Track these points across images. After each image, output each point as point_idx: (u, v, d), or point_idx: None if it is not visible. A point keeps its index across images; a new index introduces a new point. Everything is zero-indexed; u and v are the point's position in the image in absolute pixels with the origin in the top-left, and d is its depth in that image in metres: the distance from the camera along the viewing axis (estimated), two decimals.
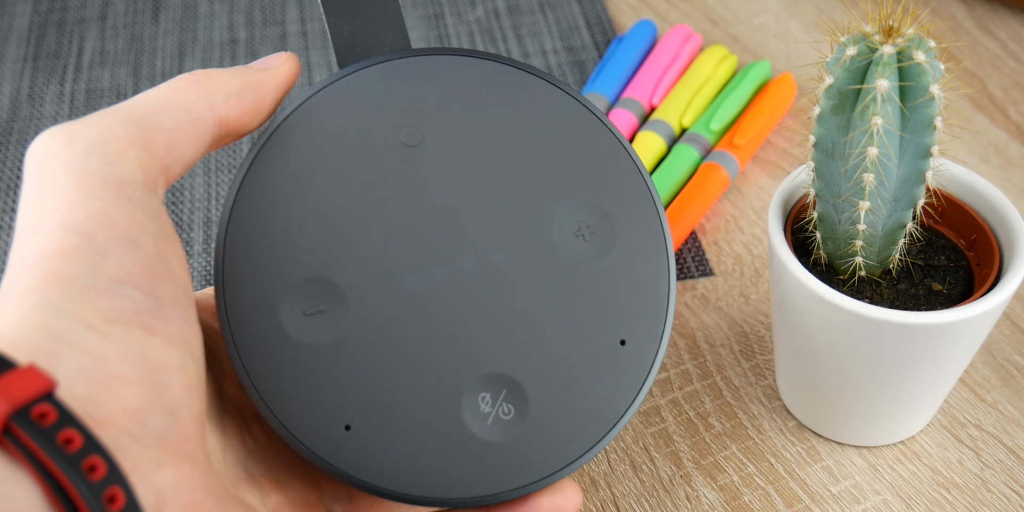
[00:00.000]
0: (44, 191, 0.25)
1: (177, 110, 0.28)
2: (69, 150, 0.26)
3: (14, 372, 0.22)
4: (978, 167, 0.50)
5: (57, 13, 0.62)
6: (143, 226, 0.25)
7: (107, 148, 0.26)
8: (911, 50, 0.31)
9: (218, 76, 0.29)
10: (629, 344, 0.32)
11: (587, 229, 0.32)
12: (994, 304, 0.33)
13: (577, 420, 0.31)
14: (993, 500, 0.38)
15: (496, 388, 0.31)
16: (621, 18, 0.60)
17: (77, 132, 0.26)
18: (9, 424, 0.21)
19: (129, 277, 0.25)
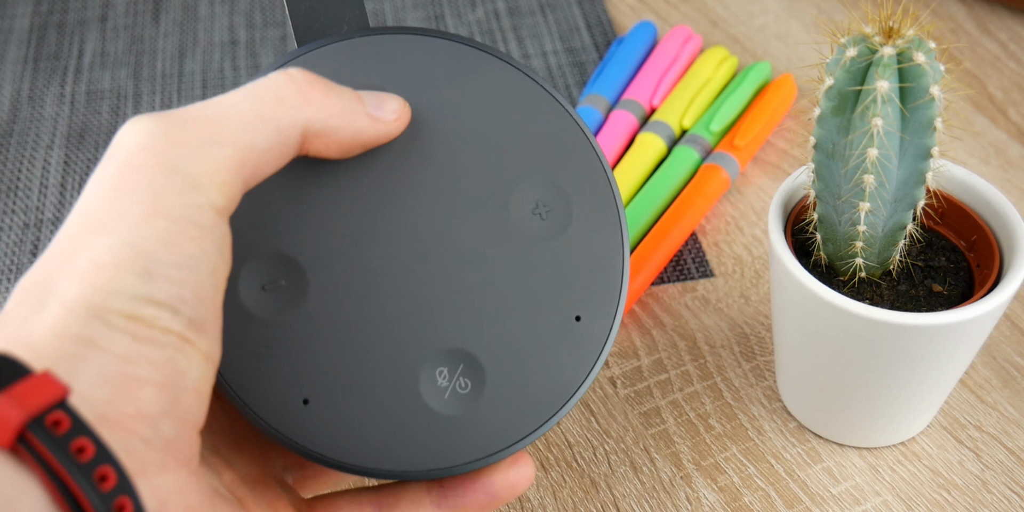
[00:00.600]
0: (119, 195, 0.25)
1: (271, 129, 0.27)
2: (157, 163, 0.25)
3: (30, 379, 0.22)
4: (978, 168, 0.50)
5: (57, 14, 0.62)
6: (206, 251, 0.25)
7: (196, 169, 0.26)
8: (911, 51, 0.31)
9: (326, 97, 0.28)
10: (584, 320, 0.32)
11: (544, 207, 0.32)
12: (994, 305, 0.33)
13: (532, 394, 0.31)
14: (993, 501, 0.38)
15: (453, 363, 0.31)
16: (621, 19, 0.60)
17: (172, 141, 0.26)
18: (24, 432, 0.22)
19: (180, 298, 0.25)
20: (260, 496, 0.30)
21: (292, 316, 0.30)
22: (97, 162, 0.53)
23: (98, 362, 0.23)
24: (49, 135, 0.54)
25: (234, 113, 0.27)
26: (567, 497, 0.39)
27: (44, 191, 0.51)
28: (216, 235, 0.26)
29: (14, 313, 0.24)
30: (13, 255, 0.48)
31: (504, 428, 0.31)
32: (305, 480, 0.33)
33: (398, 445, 0.30)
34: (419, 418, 0.31)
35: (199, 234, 0.25)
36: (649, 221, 0.47)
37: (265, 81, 0.28)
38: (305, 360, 0.30)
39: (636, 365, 0.43)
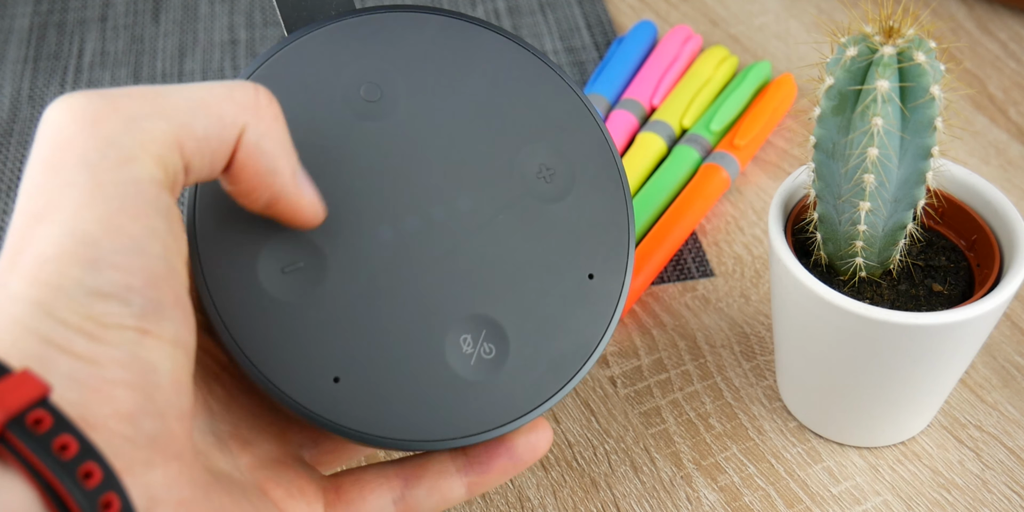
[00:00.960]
0: (53, 179, 0.24)
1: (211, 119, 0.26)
2: (89, 138, 0.24)
3: (9, 378, 0.22)
4: (978, 168, 0.50)
5: (57, 14, 0.62)
6: (152, 229, 0.25)
7: (130, 140, 0.25)
8: (911, 51, 0.31)
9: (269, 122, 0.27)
10: (597, 277, 0.33)
11: (547, 171, 0.33)
12: (994, 305, 0.33)
13: (554, 354, 0.32)
14: (993, 501, 0.38)
15: (476, 329, 0.31)
16: (621, 19, 0.60)
17: (102, 114, 0.25)
18: (4, 431, 0.21)
19: (129, 286, 0.24)
20: (282, 476, 0.30)
21: (314, 296, 0.30)
22: None
23: (65, 364, 0.23)
24: None
25: (174, 95, 0.26)
26: (567, 497, 0.39)
27: None
28: (161, 210, 0.25)
29: None
30: None
31: (529, 390, 0.32)
32: (321, 456, 0.33)
33: (429, 415, 0.30)
34: (448, 386, 0.31)
35: (141, 211, 0.24)
36: (649, 220, 0.47)
37: (225, 82, 0.27)
38: (332, 339, 0.30)
39: (636, 365, 0.43)
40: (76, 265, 0.23)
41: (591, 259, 0.33)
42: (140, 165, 0.25)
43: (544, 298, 0.32)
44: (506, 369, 0.31)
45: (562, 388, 0.32)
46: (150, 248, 0.24)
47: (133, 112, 0.25)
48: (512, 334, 0.32)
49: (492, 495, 0.39)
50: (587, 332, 0.32)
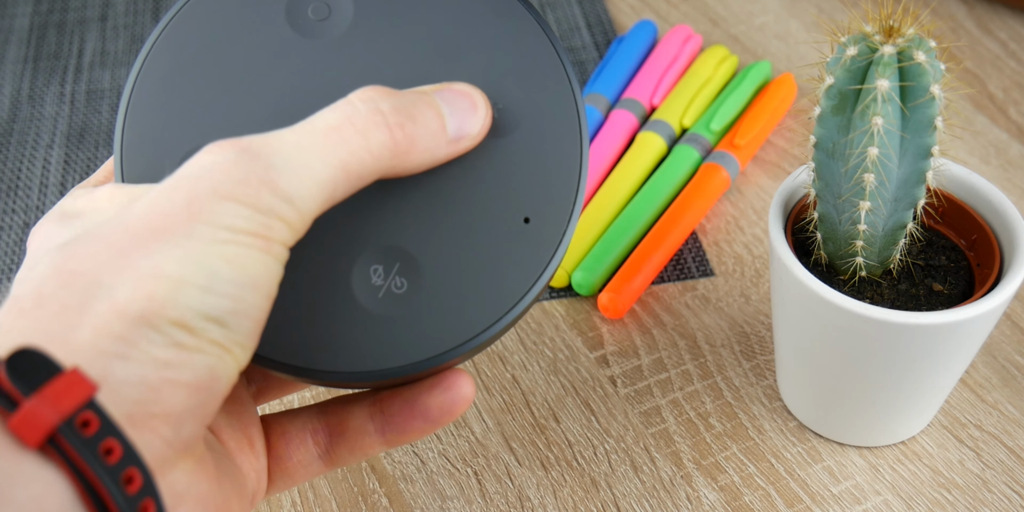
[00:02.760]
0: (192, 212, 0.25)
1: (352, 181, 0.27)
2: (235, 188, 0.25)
3: (61, 378, 0.22)
4: (979, 167, 0.50)
5: (57, 14, 0.62)
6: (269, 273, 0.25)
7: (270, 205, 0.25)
8: (911, 50, 0.31)
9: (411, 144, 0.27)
10: (533, 222, 0.30)
11: (495, 103, 0.31)
12: (995, 304, 0.33)
13: (474, 298, 0.30)
14: (994, 500, 0.38)
15: (389, 261, 0.30)
16: (621, 18, 0.60)
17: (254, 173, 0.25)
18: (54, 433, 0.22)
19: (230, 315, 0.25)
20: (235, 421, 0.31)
21: None
22: (98, 161, 0.53)
23: (137, 363, 0.23)
24: (49, 134, 0.54)
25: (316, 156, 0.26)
26: (567, 496, 0.39)
27: (44, 190, 0.51)
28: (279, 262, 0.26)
29: (54, 297, 0.24)
30: (13, 254, 0.48)
31: (443, 331, 0.29)
32: (259, 392, 0.33)
33: (331, 345, 0.29)
34: (352, 317, 0.29)
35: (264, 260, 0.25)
36: (649, 220, 0.47)
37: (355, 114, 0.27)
38: None
39: (636, 364, 0.43)
40: (194, 287, 0.24)
41: (530, 202, 0.30)
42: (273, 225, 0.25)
43: (470, 238, 0.30)
44: (416, 307, 0.29)
45: (478, 335, 0.30)
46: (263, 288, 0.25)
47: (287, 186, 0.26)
48: (428, 271, 0.30)
49: (492, 495, 0.39)
50: (515, 279, 0.30)
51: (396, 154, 0.27)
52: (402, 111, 0.27)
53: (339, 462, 0.32)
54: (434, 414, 0.31)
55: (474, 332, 0.30)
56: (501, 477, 0.39)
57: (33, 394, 0.22)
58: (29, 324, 0.24)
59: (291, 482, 0.32)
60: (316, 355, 0.29)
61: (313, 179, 0.26)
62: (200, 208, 0.25)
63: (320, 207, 0.26)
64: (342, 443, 0.32)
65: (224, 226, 0.25)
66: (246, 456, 0.30)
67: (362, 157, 0.27)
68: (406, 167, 0.28)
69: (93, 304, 0.24)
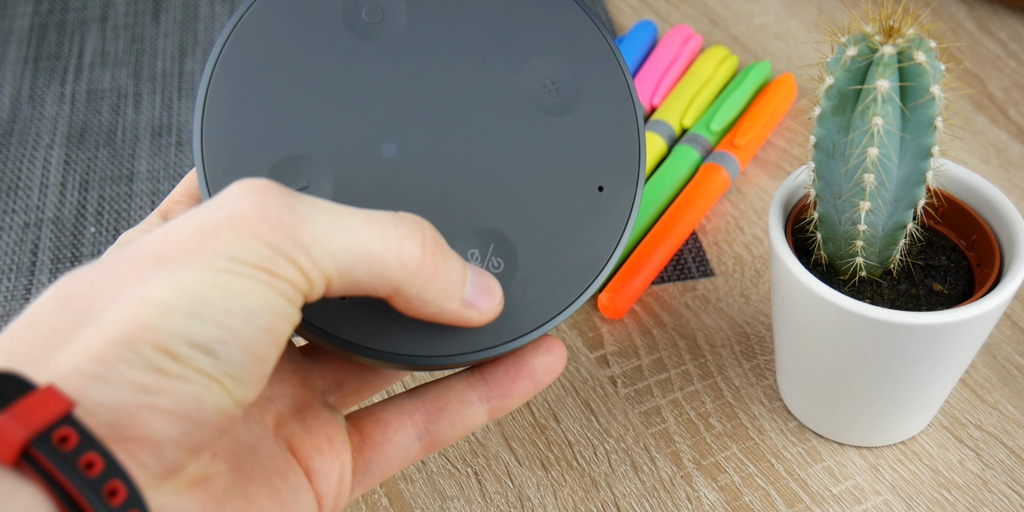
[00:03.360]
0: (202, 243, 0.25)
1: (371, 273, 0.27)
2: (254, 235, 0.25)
3: (33, 395, 0.22)
4: (979, 167, 0.50)
5: (58, 14, 0.62)
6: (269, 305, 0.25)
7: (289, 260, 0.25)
8: (911, 50, 0.31)
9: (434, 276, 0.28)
10: (607, 190, 0.32)
11: (553, 85, 0.33)
12: (995, 304, 0.33)
13: (565, 268, 0.32)
14: (994, 500, 0.38)
15: (484, 243, 0.31)
16: (622, 18, 0.60)
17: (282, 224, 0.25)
18: (29, 448, 0.22)
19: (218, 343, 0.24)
20: (310, 428, 0.31)
21: None
22: (98, 161, 0.53)
23: (113, 386, 0.23)
24: (49, 134, 0.54)
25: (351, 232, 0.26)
26: (567, 496, 0.39)
27: (44, 190, 0.51)
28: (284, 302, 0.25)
29: (46, 320, 0.24)
30: (14, 254, 0.48)
31: (542, 302, 0.31)
32: (345, 398, 0.33)
33: (438, 330, 0.30)
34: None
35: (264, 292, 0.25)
36: (650, 220, 0.47)
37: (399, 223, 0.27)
38: None
39: (636, 364, 0.43)
40: (180, 312, 0.24)
41: (600, 171, 0.32)
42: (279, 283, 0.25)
43: (553, 211, 0.32)
44: (516, 283, 0.31)
45: (574, 301, 0.31)
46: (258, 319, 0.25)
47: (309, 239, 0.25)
48: (521, 248, 0.31)
49: (492, 495, 0.39)
50: (598, 244, 0.32)
51: (417, 276, 0.27)
52: (439, 244, 0.28)
53: (440, 440, 0.32)
54: (540, 373, 0.32)
55: (570, 299, 0.31)
56: (501, 477, 0.39)
57: (2, 412, 0.22)
58: (15, 346, 0.24)
59: (390, 468, 0.32)
60: (430, 342, 0.30)
61: (338, 244, 0.26)
62: (208, 238, 0.25)
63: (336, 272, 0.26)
64: (443, 418, 0.32)
65: (227, 255, 0.24)
66: (325, 456, 0.30)
67: (388, 257, 0.27)
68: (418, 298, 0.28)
69: (82, 328, 0.24)
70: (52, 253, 0.48)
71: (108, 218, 0.50)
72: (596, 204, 0.32)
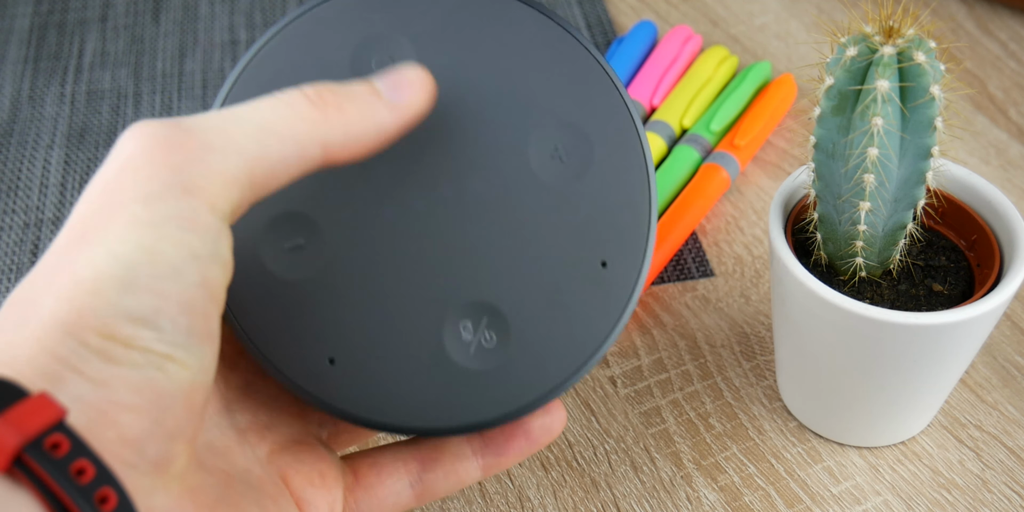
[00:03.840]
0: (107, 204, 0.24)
1: (286, 143, 0.26)
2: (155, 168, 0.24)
3: (26, 402, 0.22)
4: (979, 168, 0.50)
5: (58, 14, 0.62)
6: (195, 256, 0.24)
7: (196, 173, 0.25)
8: (911, 51, 0.31)
9: (341, 110, 0.27)
10: (610, 265, 0.31)
11: (563, 150, 0.31)
12: (995, 305, 0.33)
13: (560, 344, 0.30)
14: (994, 501, 0.38)
15: (477, 316, 0.30)
16: (621, 19, 0.60)
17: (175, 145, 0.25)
18: (21, 455, 0.22)
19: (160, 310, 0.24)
20: (303, 461, 0.31)
21: (314, 275, 0.30)
22: (98, 162, 0.53)
23: (75, 386, 0.23)
24: (49, 135, 0.54)
25: (245, 123, 0.26)
26: (567, 497, 0.39)
27: (44, 191, 0.51)
28: (208, 241, 0.25)
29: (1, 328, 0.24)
30: (13, 255, 0.48)
31: (534, 379, 0.30)
32: (339, 436, 0.33)
33: (426, 401, 0.30)
34: (445, 373, 0.30)
35: (186, 240, 0.24)
36: None
37: (279, 95, 0.27)
38: (328, 319, 0.30)
39: (636, 364, 0.43)
40: (111, 288, 0.23)
41: (605, 245, 0.31)
42: (199, 197, 0.25)
43: (551, 286, 0.31)
44: (507, 358, 0.30)
45: (569, 378, 0.30)
46: (187, 275, 0.24)
47: (205, 144, 0.25)
48: (514, 323, 0.30)
49: (492, 495, 0.39)
50: (596, 322, 0.31)
51: (327, 119, 0.27)
52: (324, 88, 0.27)
53: (431, 490, 0.32)
54: (536, 434, 0.32)
55: (563, 377, 0.30)
56: (501, 477, 0.39)
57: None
58: None
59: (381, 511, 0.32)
60: (417, 412, 0.30)
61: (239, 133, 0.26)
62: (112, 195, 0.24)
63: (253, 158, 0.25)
64: (436, 468, 0.32)
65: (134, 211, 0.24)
66: (317, 490, 0.30)
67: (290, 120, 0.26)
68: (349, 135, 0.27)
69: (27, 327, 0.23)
70: None
71: None
72: (598, 280, 0.31)
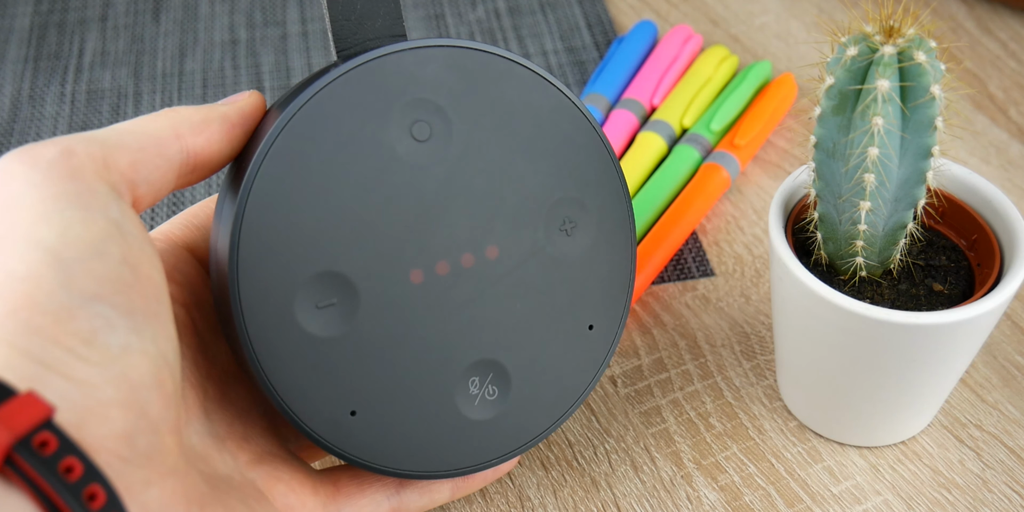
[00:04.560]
0: (7, 208, 0.25)
1: (141, 134, 0.28)
2: (30, 168, 0.26)
3: (15, 400, 0.22)
4: (979, 167, 0.50)
5: (58, 14, 0.62)
6: (107, 234, 0.25)
7: (68, 163, 0.26)
8: (912, 50, 0.31)
9: (184, 110, 0.30)
10: (596, 328, 0.35)
11: (569, 224, 0.34)
12: (995, 304, 0.33)
13: (550, 395, 0.35)
14: (994, 500, 0.38)
15: (484, 372, 0.33)
16: (622, 18, 0.60)
17: (37, 150, 0.26)
18: (11, 453, 0.22)
19: (98, 292, 0.24)
20: (281, 470, 0.32)
21: (343, 333, 0.31)
22: None
23: (59, 387, 0.23)
24: (50, 134, 0.54)
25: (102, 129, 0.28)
26: (568, 496, 0.39)
27: None
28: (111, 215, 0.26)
29: None
30: None
31: (525, 426, 0.34)
32: (304, 450, 0.35)
33: (433, 450, 0.33)
34: (454, 425, 0.33)
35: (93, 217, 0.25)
36: (650, 220, 0.47)
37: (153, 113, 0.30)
38: (354, 374, 0.31)
39: (636, 364, 0.43)
40: (44, 277, 0.24)
41: (594, 311, 0.35)
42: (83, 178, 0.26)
43: (548, 345, 0.34)
44: (505, 409, 0.34)
45: (552, 424, 0.35)
46: (109, 252, 0.25)
47: (66, 142, 0.27)
48: (515, 379, 0.34)
49: (493, 495, 0.39)
50: (579, 376, 0.35)
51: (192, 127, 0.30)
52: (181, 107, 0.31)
53: (406, 506, 0.34)
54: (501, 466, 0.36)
55: (546, 425, 0.35)
56: (501, 477, 0.39)
57: None
58: None
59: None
60: (424, 460, 0.33)
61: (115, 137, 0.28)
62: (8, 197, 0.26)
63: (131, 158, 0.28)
64: (413, 487, 0.34)
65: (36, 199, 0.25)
66: (297, 496, 0.31)
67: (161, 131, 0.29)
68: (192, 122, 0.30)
69: None
70: None
71: None
72: (584, 341, 0.35)
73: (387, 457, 0.32)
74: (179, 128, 0.29)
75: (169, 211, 0.50)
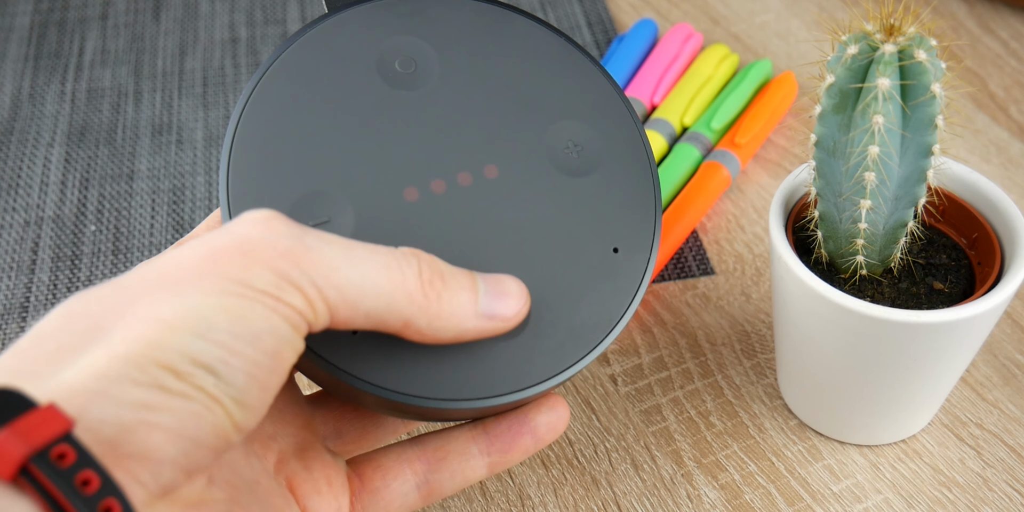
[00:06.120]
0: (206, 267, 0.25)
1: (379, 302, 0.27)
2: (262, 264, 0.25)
3: (34, 413, 0.22)
4: (979, 166, 0.50)
5: (58, 12, 0.62)
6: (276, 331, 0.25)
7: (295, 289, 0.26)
8: (912, 49, 0.31)
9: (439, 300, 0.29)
10: (622, 252, 0.33)
11: (575, 147, 0.34)
12: (995, 303, 0.33)
13: (574, 326, 0.32)
14: (994, 499, 0.38)
15: None
16: (622, 17, 0.60)
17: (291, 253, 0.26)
18: (28, 465, 0.22)
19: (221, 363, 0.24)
20: (310, 468, 0.31)
21: None
22: (98, 160, 0.53)
23: (114, 402, 0.23)
24: (50, 133, 0.54)
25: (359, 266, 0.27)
26: (568, 495, 0.39)
27: (45, 189, 0.51)
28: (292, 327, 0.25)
29: (52, 337, 0.24)
30: (14, 252, 0.48)
31: (547, 359, 0.32)
32: (344, 447, 0.34)
33: (443, 374, 0.31)
34: (464, 348, 0.31)
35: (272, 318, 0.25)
36: None
37: (400, 257, 0.28)
38: None
39: (637, 363, 0.43)
40: (186, 331, 0.24)
41: (616, 234, 0.33)
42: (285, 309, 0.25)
43: (567, 268, 0.32)
44: (524, 336, 0.31)
45: (580, 360, 0.32)
46: (264, 343, 0.25)
47: (316, 269, 0.26)
48: (534, 304, 0.32)
49: (493, 493, 0.39)
50: (610, 305, 0.32)
51: (422, 307, 0.28)
52: (436, 270, 0.28)
53: (438, 490, 0.32)
54: (542, 431, 0.32)
55: (577, 357, 0.32)
56: (502, 475, 0.39)
57: (3, 428, 0.22)
58: (18, 362, 0.24)
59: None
60: (434, 385, 0.31)
61: (344, 277, 0.26)
62: (218, 262, 0.25)
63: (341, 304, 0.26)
64: (443, 468, 0.32)
65: (235, 279, 0.25)
66: (323, 497, 0.31)
67: (393, 291, 0.27)
68: (431, 326, 0.28)
69: (87, 346, 0.24)
70: (52, 251, 0.48)
71: (108, 216, 0.50)
72: (610, 265, 0.33)
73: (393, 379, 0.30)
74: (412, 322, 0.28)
75: (170, 217, 0.50)
